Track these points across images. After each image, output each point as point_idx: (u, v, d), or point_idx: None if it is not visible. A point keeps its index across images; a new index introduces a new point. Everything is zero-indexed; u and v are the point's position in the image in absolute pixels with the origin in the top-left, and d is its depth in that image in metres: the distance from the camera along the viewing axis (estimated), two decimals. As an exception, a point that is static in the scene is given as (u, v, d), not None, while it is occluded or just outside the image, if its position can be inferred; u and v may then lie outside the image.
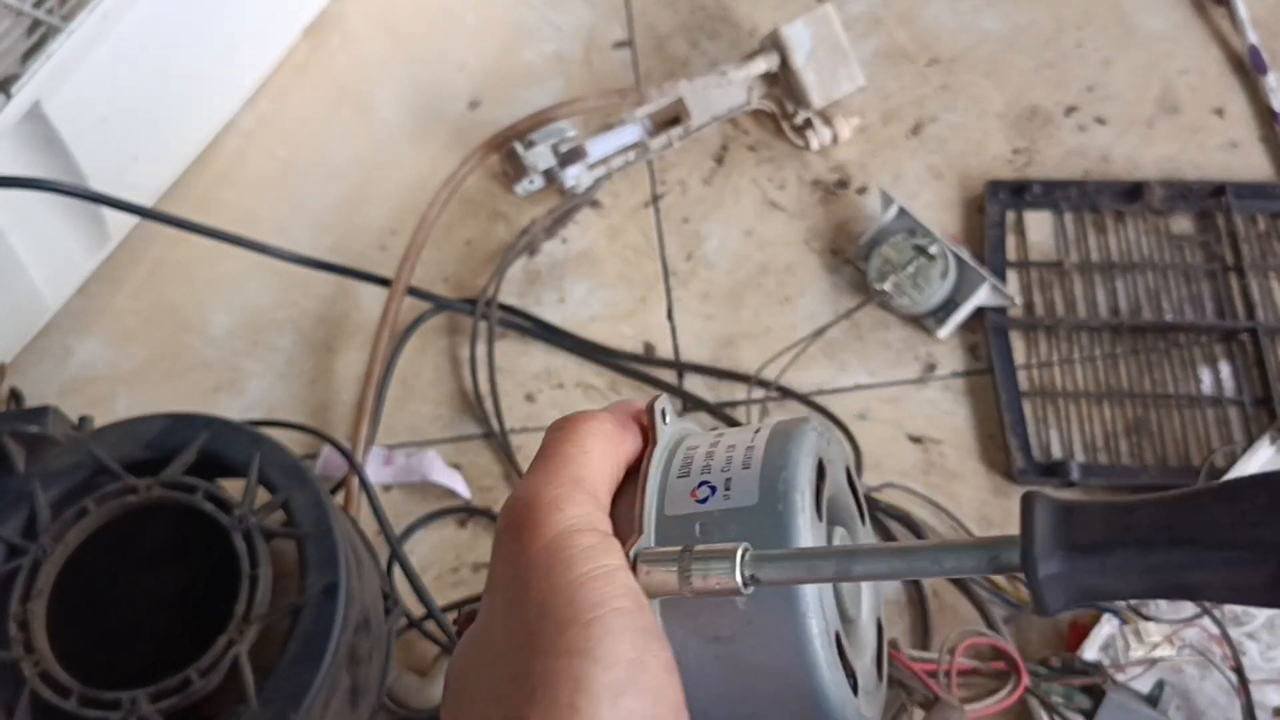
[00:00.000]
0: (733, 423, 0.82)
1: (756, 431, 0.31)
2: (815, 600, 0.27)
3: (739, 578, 0.26)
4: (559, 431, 0.31)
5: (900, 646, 0.69)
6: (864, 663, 0.30)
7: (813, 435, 0.30)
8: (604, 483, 0.30)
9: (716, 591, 0.27)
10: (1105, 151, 0.95)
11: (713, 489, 0.29)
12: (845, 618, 0.31)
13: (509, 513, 0.29)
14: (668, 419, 0.32)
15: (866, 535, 0.33)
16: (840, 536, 0.31)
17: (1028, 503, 0.25)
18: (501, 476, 0.82)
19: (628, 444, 0.31)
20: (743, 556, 0.26)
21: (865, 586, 0.32)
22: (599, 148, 0.92)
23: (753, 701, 0.28)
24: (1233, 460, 0.77)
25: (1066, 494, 0.79)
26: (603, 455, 0.30)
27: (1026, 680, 0.68)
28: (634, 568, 0.28)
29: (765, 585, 0.27)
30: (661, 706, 0.26)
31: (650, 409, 0.31)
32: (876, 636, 0.32)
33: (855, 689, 0.28)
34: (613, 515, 0.30)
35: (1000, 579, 0.76)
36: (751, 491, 0.29)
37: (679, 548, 0.28)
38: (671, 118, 0.95)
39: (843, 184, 0.94)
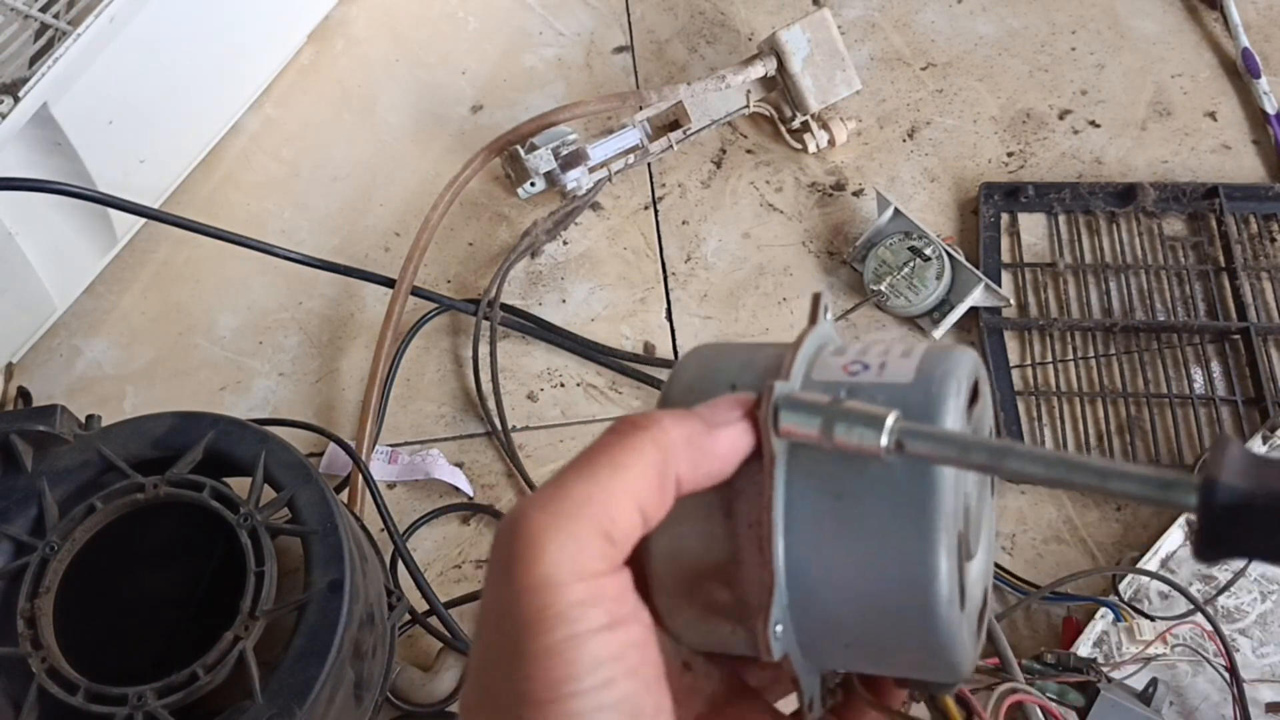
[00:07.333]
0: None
1: (915, 344, 0.30)
2: (951, 488, 0.26)
3: (885, 440, 0.25)
4: (606, 435, 0.26)
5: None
6: (968, 608, 0.28)
7: (975, 355, 0.28)
8: (629, 503, 0.25)
9: (858, 449, 0.25)
10: (1098, 154, 0.96)
11: (865, 366, 0.28)
12: (966, 551, 0.28)
13: (499, 532, 0.25)
14: (828, 315, 0.30)
15: (985, 487, 0.31)
16: None
17: (1221, 446, 0.23)
18: (504, 474, 0.83)
19: (695, 459, 0.26)
20: (894, 422, 0.25)
21: (985, 542, 0.30)
22: (599, 151, 0.93)
23: (856, 568, 0.26)
24: (1224, 459, 0.78)
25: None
26: (643, 471, 0.25)
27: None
28: (775, 412, 0.26)
29: (909, 456, 0.25)
30: None
31: (816, 300, 0.30)
32: (982, 600, 0.30)
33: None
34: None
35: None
36: (907, 372, 0.27)
37: (827, 398, 0.26)
38: (671, 121, 0.96)
39: (839, 186, 0.95)
